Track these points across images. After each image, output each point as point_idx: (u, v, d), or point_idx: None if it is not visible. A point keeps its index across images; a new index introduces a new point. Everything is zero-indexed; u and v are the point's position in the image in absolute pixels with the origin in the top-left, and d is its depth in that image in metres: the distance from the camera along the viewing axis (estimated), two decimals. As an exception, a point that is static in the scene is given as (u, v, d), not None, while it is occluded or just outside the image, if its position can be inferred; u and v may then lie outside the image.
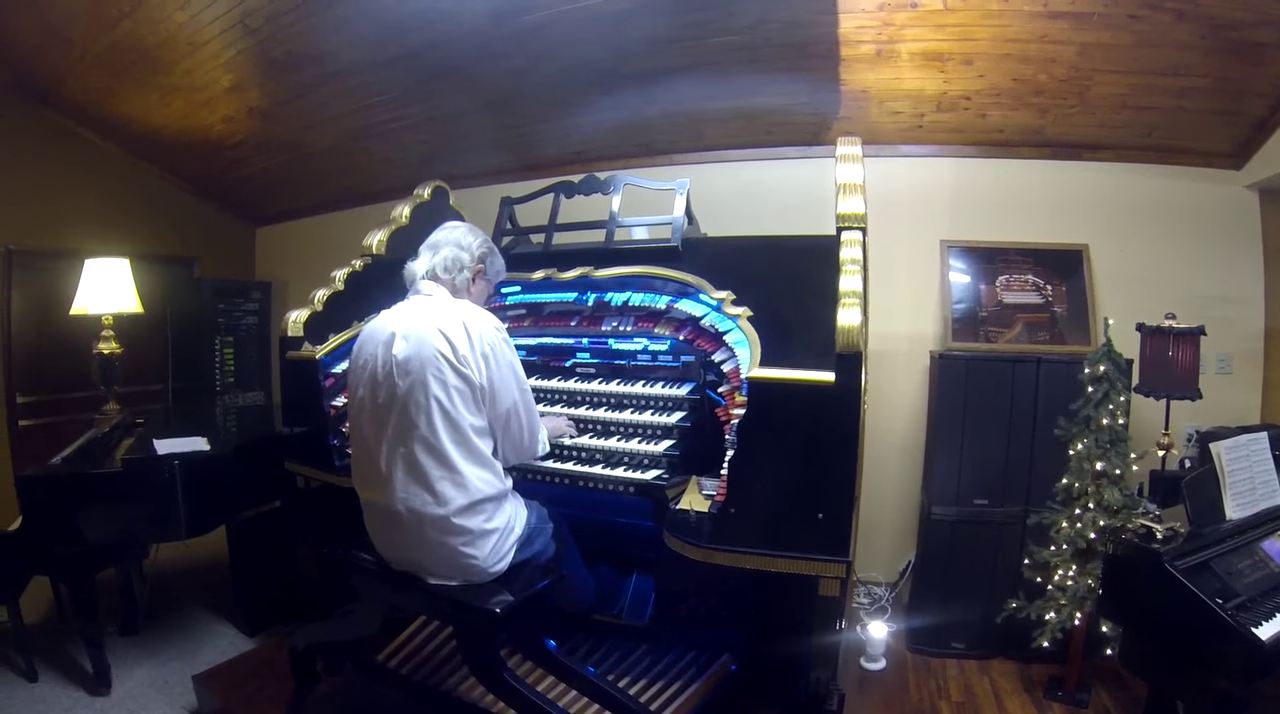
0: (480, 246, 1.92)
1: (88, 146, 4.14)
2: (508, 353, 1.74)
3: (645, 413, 2.18)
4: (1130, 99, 2.81)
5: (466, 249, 1.89)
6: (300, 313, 2.51)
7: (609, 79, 3.03)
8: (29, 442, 3.79)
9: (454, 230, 1.92)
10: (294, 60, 3.15)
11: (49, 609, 3.06)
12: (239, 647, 2.89)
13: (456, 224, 1.96)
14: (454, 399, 1.65)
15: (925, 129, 3.17)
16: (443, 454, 1.65)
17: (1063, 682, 2.50)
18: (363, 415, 1.74)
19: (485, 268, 1.94)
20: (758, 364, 1.74)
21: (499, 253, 2.00)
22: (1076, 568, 2.41)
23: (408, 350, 1.66)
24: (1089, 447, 2.41)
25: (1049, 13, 2.47)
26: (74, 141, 4.08)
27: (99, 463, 2.64)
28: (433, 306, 1.75)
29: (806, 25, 2.65)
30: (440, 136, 3.59)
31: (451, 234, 1.90)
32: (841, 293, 1.72)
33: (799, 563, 1.61)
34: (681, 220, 2.33)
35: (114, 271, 3.24)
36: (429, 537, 1.67)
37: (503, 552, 1.74)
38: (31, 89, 3.77)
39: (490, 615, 1.65)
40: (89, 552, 2.52)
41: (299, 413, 2.47)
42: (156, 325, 4.20)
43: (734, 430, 1.80)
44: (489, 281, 1.99)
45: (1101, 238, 3.09)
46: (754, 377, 1.68)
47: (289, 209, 4.77)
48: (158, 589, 3.30)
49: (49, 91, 3.76)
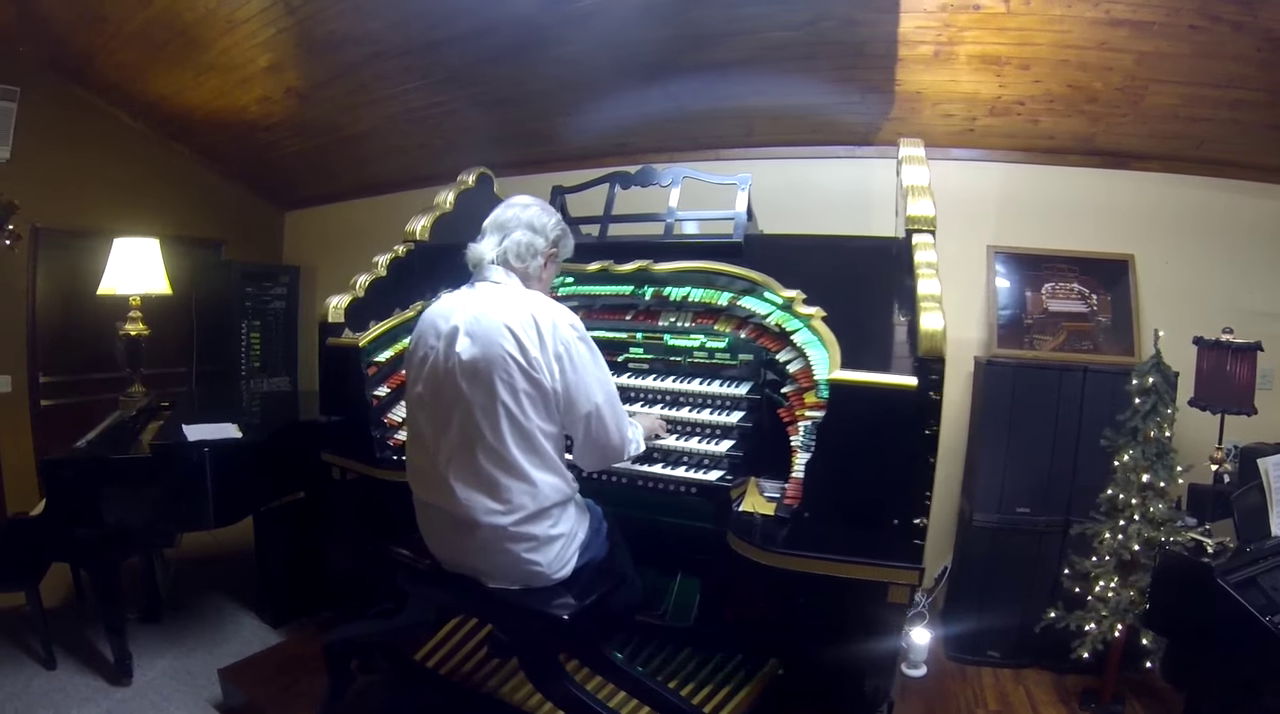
0: (554, 228, 1.68)
1: (117, 125, 3.92)
2: (584, 352, 1.53)
3: (704, 411, 2.04)
4: (1182, 110, 2.67)
5: (540, 232, 1.64)
6: (341, 298, 2.32)
7: (660, 71, 2.85)
8: (52, 422, 3.59)
9: (525, 209, 1.66)
10: (336, 40, 2.94)
11: (68, 594, 2.87)
12: (263, 638, 2.71)
13: (528, 201, 1.70)
14: (523, 404, 1.45)
15: (976, 133, 3.01)
16: (510, 461, 1.46)
17: (1098, 694, 2.39)
18: (421, 412, 1.55)
19: (558, 251, 1.72)
20: (839, 366, 1.61)
21: (570, 234, 1.78)
22: (1119, 579, 2.29)
23: (473, 351, 1.46)
24: (1136, 458, 2.30)
25: (1110, 20, 2.33)
26: (104, 120, 3.86)
27: (126, 448, 2.46)
28: (501, 299, 1.53)
29: (866, 23, 2.50)
30: (481, 123, 3.39)
31: (523, 214, 1.65)
32: (921, 297, 1.64)
33: (872, 569, 1.52)
34: (743, 216, 2.17)
35: (143, 251, 3.03)
36: (491, 543, 1.49)
37: (566, 557, 1.56)
38: (63, 67, 3.55)
39: (557, 622, 1.48)
40: (114, 538, 2.32)
41: (339, 402, 2.28)
42: (182, 307, 3.98)
43: (808, 432, 1.70)
44: (559, 265, 1.78)
45: (1147, 248, 2.96)
46: (836, 379, 1.57)
47: (320, 194, 4.54)
48: (180, 576, 3.09)
49: (80, 69, 3.54)
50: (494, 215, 1.67)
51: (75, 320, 3.71)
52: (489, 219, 1.68)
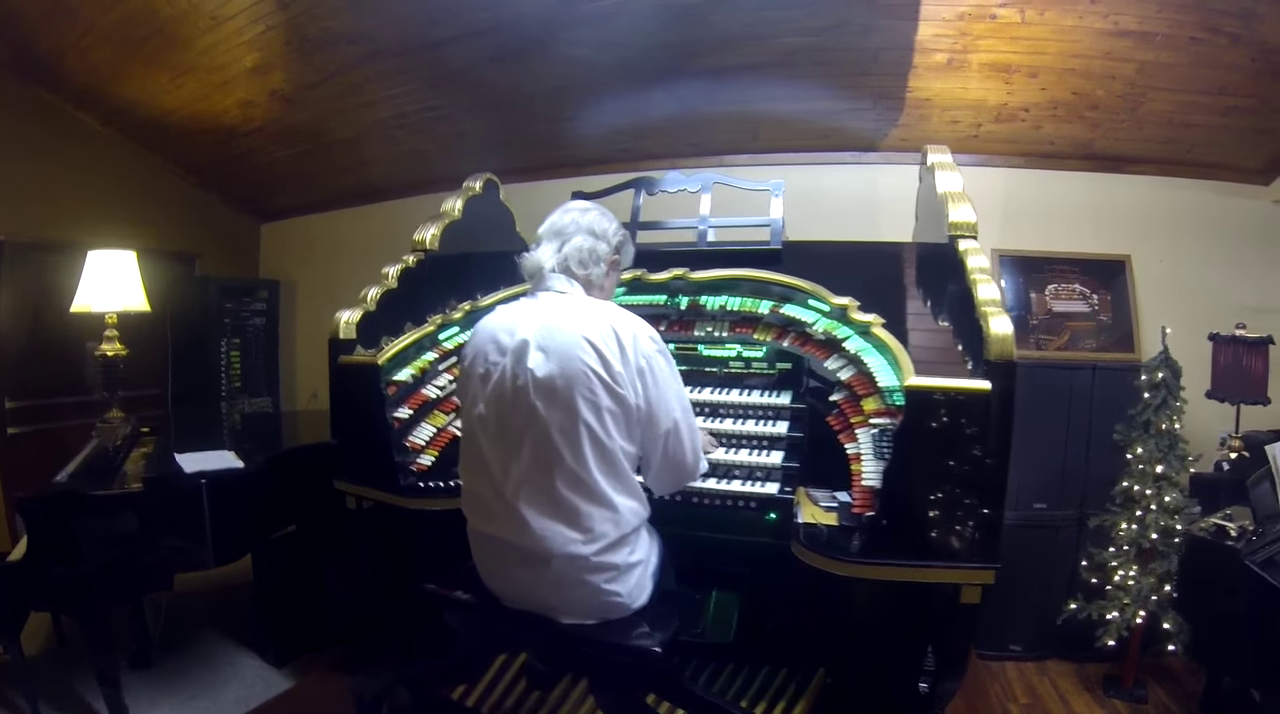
0: (616, 234, 1.56)
1: (86, 132, 3.60)
2: (665, 365, 1.41)
3: (747, 422, 1.96)
4: (1176, 116, 2.75)
5: (602, 237, 1.51)
6: (351, 313, 2.14)
7: (670, 74, 2.75)
8: (20, 451, 3.25)
9: (584, 214, 1.52)
10: (329, 39, 2.74)
11: (48, 639, 2.58)
12: (267, 680, 2.47)
13: (585, 205, 1.56)
14: (607, 423, 1.32)
15: (980, 139, 3.02)
16: (591, 486, 1.32)
17: (1119, 680, 2.42)
18: (482, 436, 1.39)
19: (621, 258, 1.59)
20: (913, 372, 1.57)
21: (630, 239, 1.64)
22: (1138, 568, 2.32)
23: (549, 367, 1.32)
24: (1149, 451, 2.33)
25: (1117, 31, 2.39)
26: (71, 126, 3.54)
27: (111, 481, 2.19)
28: (573, 309, 1.40)
29: (884, 30, 2.49)
30: (479, 128, 3.23)
31: (582, 219, 1.51)
32: (982, 302, 1.62)
33: (949, 572, 1.52)
34: (780, 222, 2.10)
35: (119, 265, 2.76)
36: (568, 575, 1.34)
37: (644, 584, 1.44)
38: (29, 68, 3.24)
39: (647, 656, 1.34)
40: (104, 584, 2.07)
41: (354, 425, 2.09)
42: (155, 325, 3.67)
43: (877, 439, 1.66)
44: (620, 274, 1.65)
45: (1142, 248, 3.02)
46: (913, 385, 1.53)
47: (299, 204, 4.28)
48: (170, 613, 2.82)
49: (48, 70, 3.24)
50: (550, 221, 1.53)
51: (42, 340, 3.38)
52: (544, 225, 1.53)
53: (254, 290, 4.08)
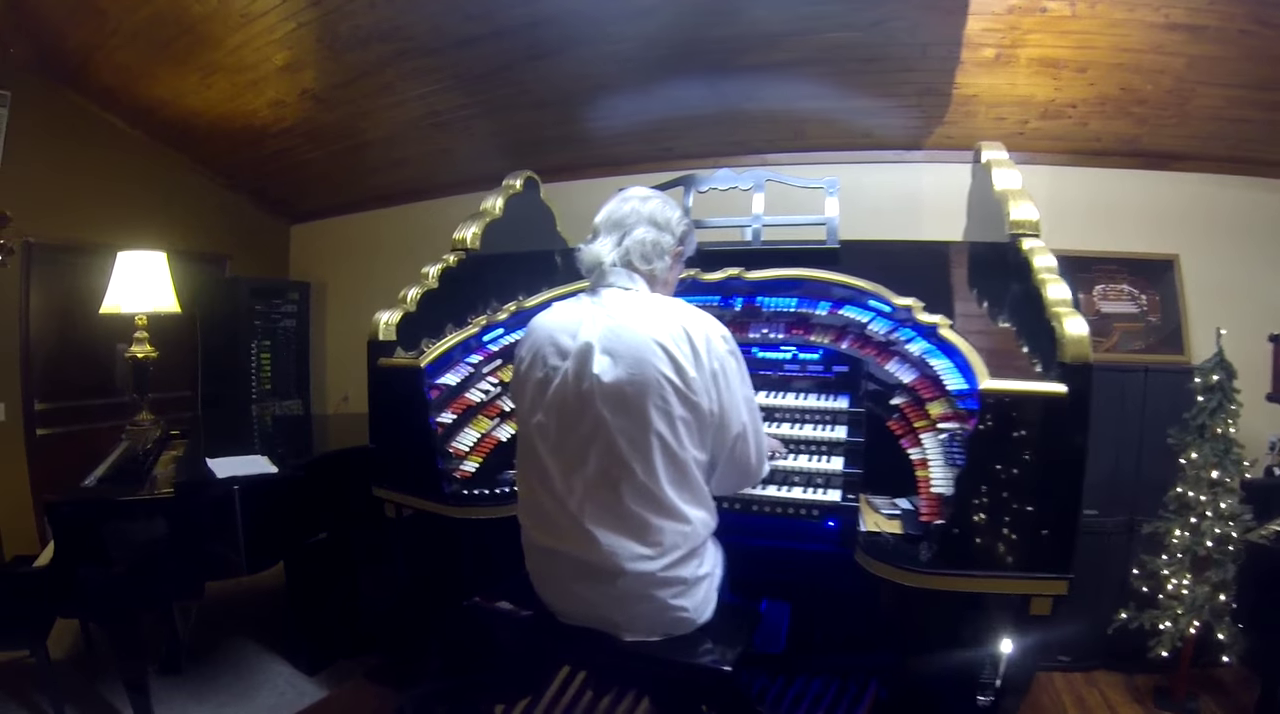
0: (680, 223, 1.43)
1: (113, 133, 3.56)
2: (737, 367, 1.31)
3: (804, 427, 1.88)
4: (1225, 111, 2.64)
5: (665, 228, 1.38)
6: (391, 313, 2.06)
7: (712, 72, 2.66)
8: (49, 452, 3.22)
9: (645, 203, 1.39)
10: (362, 36, 2.67)
11: (75, 643, 2.52)
12: (299, 688, 2.40)
13: (645, 193, 1.42)
14: (679, 433, 1.22)
15: (1025, 137, 2.92)
16: (661, 499, 1.22)
17: (1169, 692, 2.34)
18: (541, 444, 1.29)
19: (684, 249, 1.46)
20: (987, 375, 1.50)
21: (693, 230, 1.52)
22: (1192, 576, 2.24)
23: (617, 372, 1.22)
24: (1205, 455, 2.24)
25: (1167, 24, 2.30)
26: (99, 127, 3.50)
27: (141, 485, 2.12)
28: (638, 308, 1.29)
29: (932, 25, 2.40)
30: (514, 127, 3.14)
31: (643, 208, 1.38)
32: (1053, 302, 1.59)
33: (1023, 583, 1.46)
34: (836, 221, 2.00)
35: (149, 266, 2.70)
36: (634, 591, 1.25)
37: (710, 598, 1.34)
38: (56, 70, 3.20)
39: (717, 676, 1.25)
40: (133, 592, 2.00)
41: (395, 430, 2.00)
42: (185, 327, 3.63)
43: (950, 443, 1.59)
44: (683, 266, 1.53)
45: (1190, 247, 2.91)
46: (989, 389, 1.46)
47: (329, 205, 4.22)
48: (202, 620, 2.75)
49: (75, 71, 3.19)
50: (607, 211, 1.41)
51: (72, 341, 3.35)
52: (601, 216, 1.41)
53: (284, 292, 4.02)
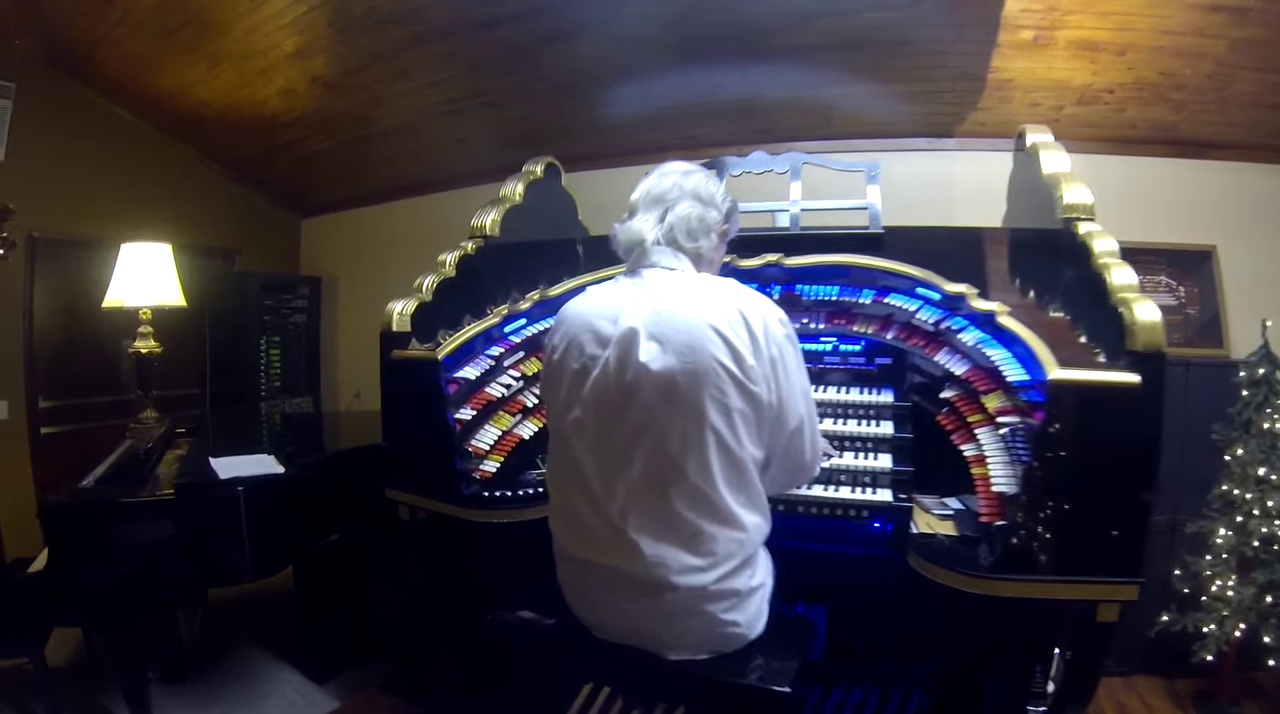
0: (725, 199, 1.32)
1: (120, 125, 3.45)
2: (794, 354, 1.17)
3: (848, 422, 1.74)
4: (1265, 97, 2.49)
5: (710, 203, 1.26)
6: (405, 303, 1.93)
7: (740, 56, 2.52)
8: (54, 451, 3.11)
9: (687, 177, 1.27)
10: (375, 20, 2.54)
11: (76, 650, 2.40)
12: (308, 698, 2.28)
13: (686, 167, 1.30)
14: (737, 427, 1.08)
15: (1060, 123, 2.76)
16: (716, 503, 1.08)
17: (1211, 696, 2.26)
18: (578, 442, 1.15)
19: (730, 227, 1.34)
20: (1055, 365, 1.37)
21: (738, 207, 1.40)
22: (1238, 577, 2.15)
23: (667, 360, 1.08)
24: (1250, 452, 2.16)
25: (1210, 5, 2.17)
26: (105, 119, 3.39)
27: (142, 486, 2.00)
28: (687, 289, 1.16)
29: (970, 5, 2.26)
30: (533, 114, 3.00)
31: (686, 182, 1.26)
32: (1118, 288, 1.46)
33: (1093, 588, 1.36)
34: (877, 207, 1.87)
35: (154, 258, 2.59)
36: (683, 606, 1.10)
37: (763, 610, 1.21)
38: (62, 61, 3.10)
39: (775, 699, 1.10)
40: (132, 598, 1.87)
41: (410, 427, 1.88)
42: (193, 322, 3.52)
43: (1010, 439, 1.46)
44: (726, 246, 1.39)
45: (1228, 238, 2.77)
46: (1057, 379, 1.34)
47: (340, 198, 4.10)
48: (207, 625, 2.63)
49: (81, 62, 3.09)
50: (645, 186, 1.28)
51: (77, 338, 3.25)
52: (639, 192, 1.28)
53: (294, 287, 3.91)
